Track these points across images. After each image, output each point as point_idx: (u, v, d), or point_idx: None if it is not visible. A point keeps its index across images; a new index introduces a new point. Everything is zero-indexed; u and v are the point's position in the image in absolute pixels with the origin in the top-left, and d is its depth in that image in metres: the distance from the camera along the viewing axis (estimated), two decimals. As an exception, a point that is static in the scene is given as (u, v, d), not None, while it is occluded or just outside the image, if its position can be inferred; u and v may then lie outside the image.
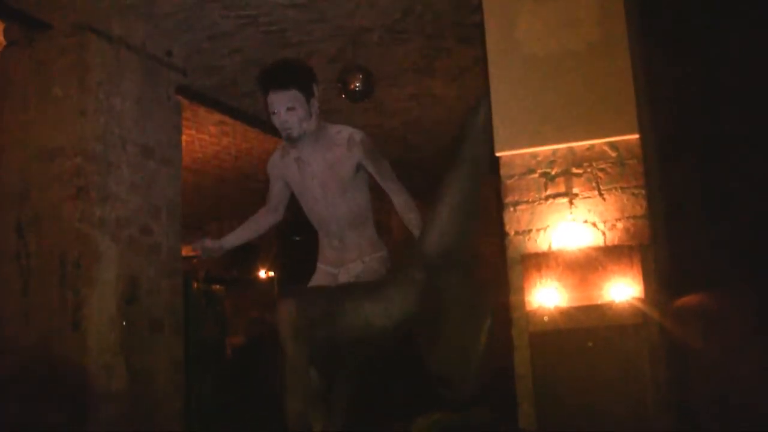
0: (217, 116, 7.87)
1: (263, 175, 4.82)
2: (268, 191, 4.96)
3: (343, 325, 4.48)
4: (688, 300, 4.29)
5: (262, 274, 11.96)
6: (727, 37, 4.16)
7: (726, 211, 4.16)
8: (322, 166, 4.65)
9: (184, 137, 6.46)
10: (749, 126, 4.25)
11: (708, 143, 4.27)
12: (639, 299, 3.96)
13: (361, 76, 6.63)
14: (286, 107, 4.48)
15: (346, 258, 4.81)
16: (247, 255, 11.67)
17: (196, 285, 7.90)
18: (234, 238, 4.96)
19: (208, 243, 4.84)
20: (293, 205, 4.91)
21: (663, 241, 4.28)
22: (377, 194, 4.77)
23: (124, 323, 5.30)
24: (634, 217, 4.11)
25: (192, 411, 6.03)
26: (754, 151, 4.10)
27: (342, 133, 4.63)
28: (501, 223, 4.36)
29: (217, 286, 8.53)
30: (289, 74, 4.58)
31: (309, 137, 4.58)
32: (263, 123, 4.65)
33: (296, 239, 4.96)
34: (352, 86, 6.64)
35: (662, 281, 4.13)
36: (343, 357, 4.64)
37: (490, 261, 5.13)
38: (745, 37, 4.11)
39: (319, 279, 4.92)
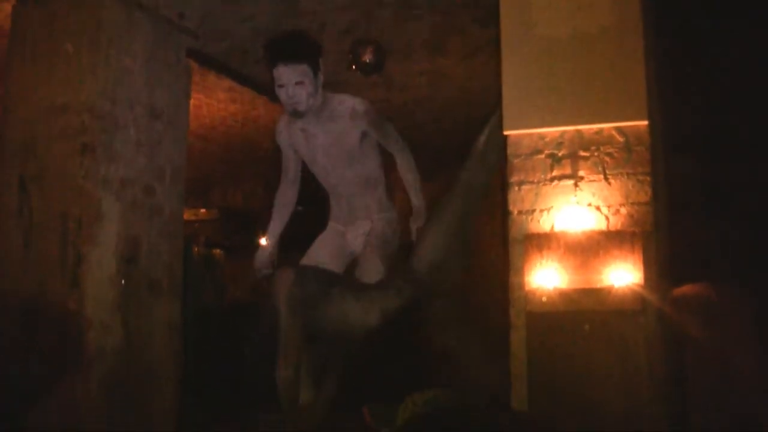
0: (227, 82, 7.83)
1: (269, 144, 4.83)
2: (283, 164, 4.98)
3: (326, 311, 4.52)
4: (687, 289, 4.31)
5: (263, 241, 11.88)
6: (742, 36, 4.16)
7: (727, 205, 4.17)
8: (327, 138, 4.65)
9: (192, 101, 6.44)
10: (756, 125, 4.26)
11: (713, 138, 4.27)
12: (638, 285, 3.96)
13: (373, 49, 6.62)
14: (295, 81, 4.46)
15: (355, 216, 4.87)
16: (248, 222, 11.65)
17: (196, 249, 7.90)
18: (276, 229, 5.04)
19: (262, 250, 4.93)
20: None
21: (665, 230, 4.28)
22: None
23: (122, 282, 5.30)
24: (638, 203, 4.11)
25: (188, 373, 6.03)
26: (755, 149, 4.11)
27: (345, 104, 4.63)
28: (505, 202, 4.37)
29: (217, 251, 8.52)
30: (301, 48, 4.56)
31: (312, 108, 4.57)
32: (271, 91, 4.63)
33: (298, 209, 4.97)
34: (364, 58, 6.62)
35: (662, 269, 4.14)
36: (325, 342, 4.67)
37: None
38: (755, 38, 4.11)
39: (328, 236, 4.99)
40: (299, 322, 4.47)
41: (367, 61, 6.62)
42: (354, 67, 6.72)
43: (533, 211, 4.27)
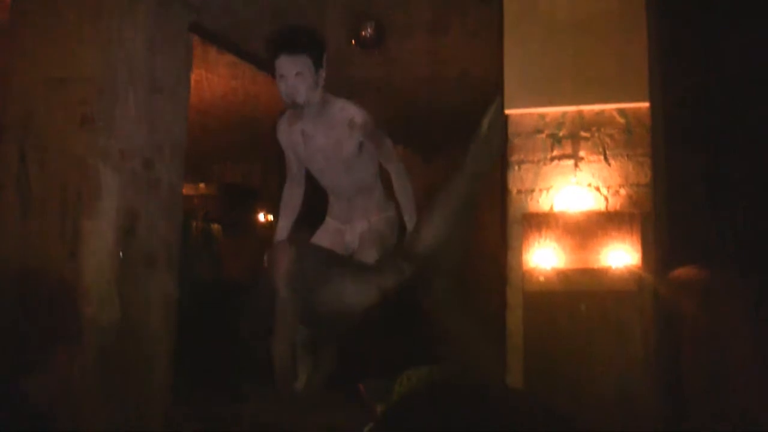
0: (229, 58, 7.80)
1: (269, 122, 4.82)
2: (286, 163, 4.99)
3: (324, 289, 4.52)
4: (684, 272, 4.31)
5: (261, 217, 11.86)
6: (747, 23, 4.14)
7: (727, 191, 4.16)
8: (325, 143, 4.67)
9: (193, 76, 6.42)
10: (759, 112, 4.25)
11: (714, 124, 4.26)
12: (636, 266, 3.97)
13: (372, 24, 6.60)
14: (295, 72, 4.48)
15: (353, 216, 4.87)
16: (247, 198, 11.65)
17: (194, 224, 7.89)
18: (285, 228, 5.03)
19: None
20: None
21: (664, 212, 4.28)
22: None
23: (120, 254, 5.30)
24: (638, 185, 4.11)
25: (183, 348, 6.03)
26: (756, 137, 4.11)
27: (345, 112, 4.63)
28: (504, 181, 4.37)
29: (216, 226, 8.52)
30: (302, 40, 4.57)
31: (313, 109, 4.58)
32: (273, 68, 4.64)
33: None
34: (363, 33, 6.61)
35: (660, 251, 4.14)
36: (321, 321, 4.68)
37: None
38: (759, 29, 4.09)
39: (325, 232, 4.99)
40: (296, 300, 4.48)
41: (367, 36, 6.61)
42: (353, 42, 6.71)
43: (533, 190, 4.27)
